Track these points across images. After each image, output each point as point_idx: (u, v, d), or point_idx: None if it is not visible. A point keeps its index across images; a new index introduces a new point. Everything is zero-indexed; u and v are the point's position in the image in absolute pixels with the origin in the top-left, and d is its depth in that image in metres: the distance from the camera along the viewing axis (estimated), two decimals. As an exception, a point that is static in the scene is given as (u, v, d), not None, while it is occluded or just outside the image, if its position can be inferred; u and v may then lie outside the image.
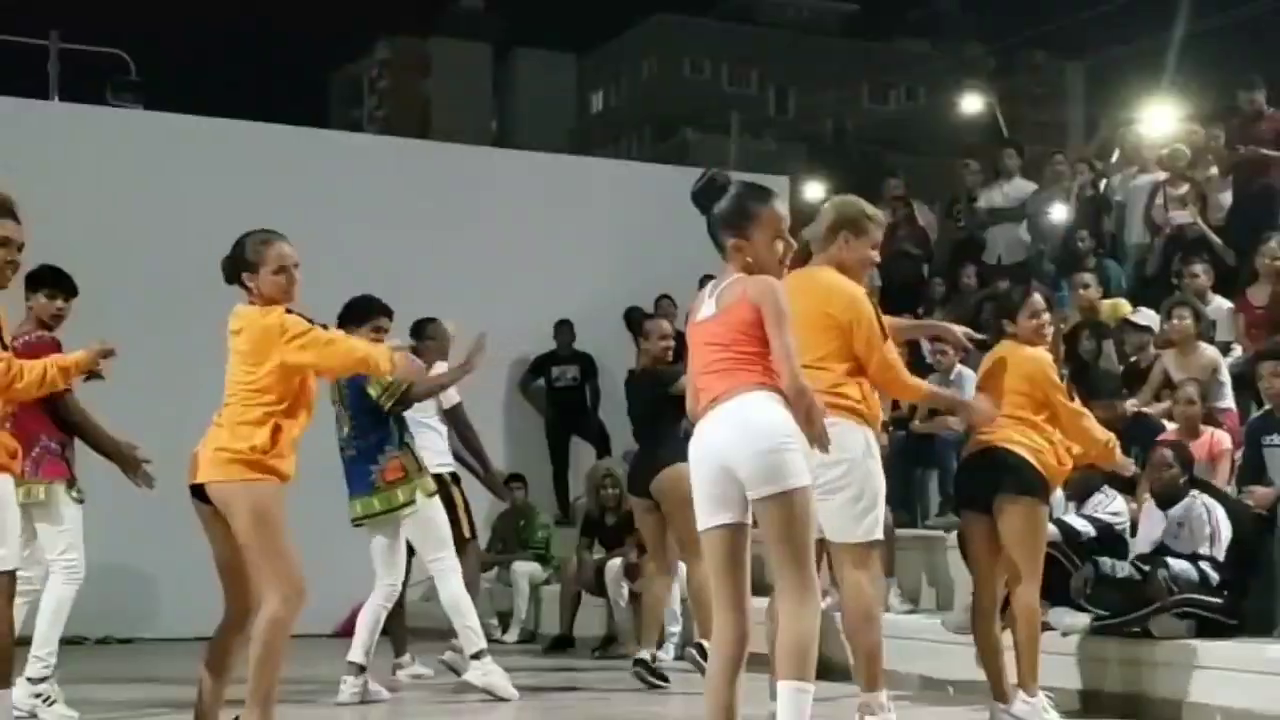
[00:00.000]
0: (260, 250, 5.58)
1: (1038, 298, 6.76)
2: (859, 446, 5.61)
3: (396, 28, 69.27)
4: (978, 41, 54.50)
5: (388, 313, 7.95)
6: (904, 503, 9.67)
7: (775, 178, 16.32)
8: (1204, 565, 7.06)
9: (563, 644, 10.52)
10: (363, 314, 7.83)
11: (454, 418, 8.66)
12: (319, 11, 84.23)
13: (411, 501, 7.67)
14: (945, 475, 9.66)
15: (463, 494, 8.60)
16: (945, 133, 44.54)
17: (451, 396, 8.53)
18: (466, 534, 8.43)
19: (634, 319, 11.71)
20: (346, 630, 11.11)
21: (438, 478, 8.05)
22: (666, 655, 9.68)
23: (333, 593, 8.68)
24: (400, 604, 8.33)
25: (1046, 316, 6.70)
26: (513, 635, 11.37)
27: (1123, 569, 7.19)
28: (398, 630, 8.65)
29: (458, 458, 8.80)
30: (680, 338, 9.24)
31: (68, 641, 10.20)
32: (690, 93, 57.26)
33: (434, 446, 8.30)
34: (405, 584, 8.31)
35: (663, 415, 7.79)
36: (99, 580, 7.45)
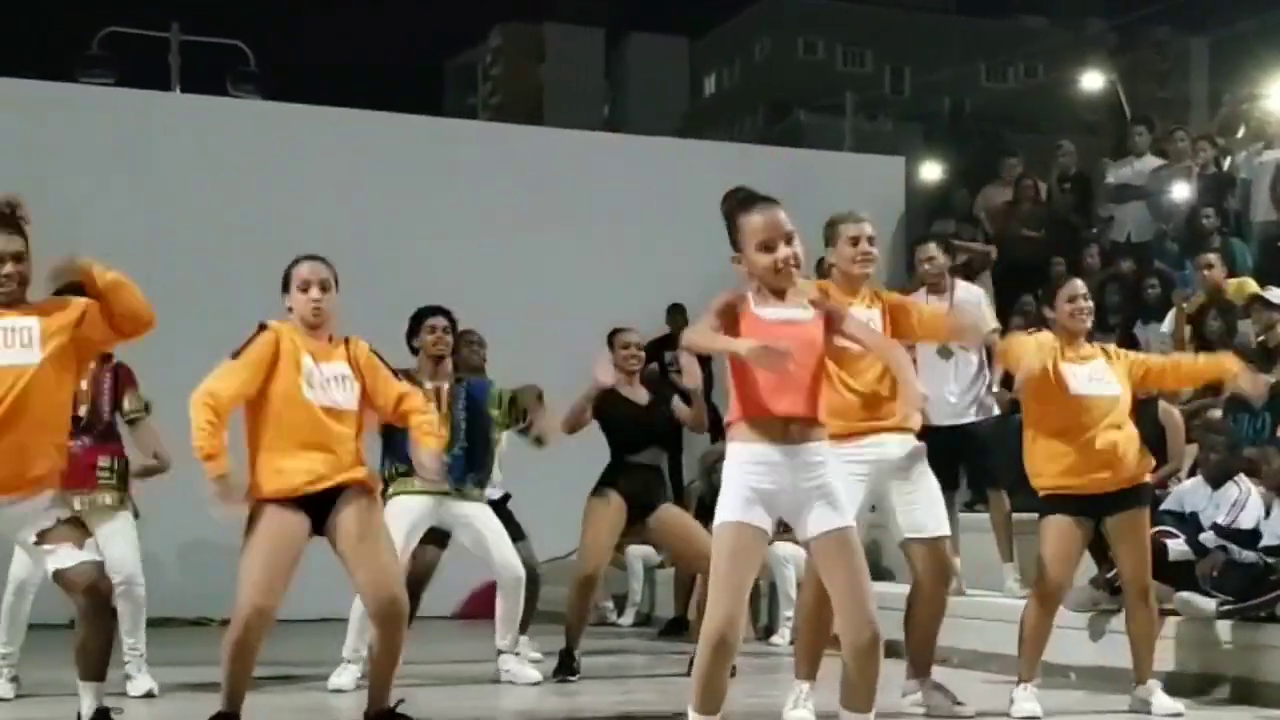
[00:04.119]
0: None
1: (1078, 282, 6.65)
2: None
3: (510, 14, 69.73)
4: (1098, 17, 53.54)
5: (438, 312, 7.89)
6: (1023, 486, 9.54)
7: (891, 158, 16.23)
8: (1339, 550, 6.91)
9: (678, 626, 10.52)
10: (414, 323, 7.89)
11: None
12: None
13: None
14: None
15: None
16: (1066, 110, 43.85)
17: None
18: None
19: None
20: (465, 614, 11.28)
21: None
22: (782, 639, 9.68)
23: (451, 578, 8.75)
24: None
25: (1085, 304, 6.52)
26: (628, 618, 11.42)
27: (1251, 556, 7.06)
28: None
29: None
30: (649, 349, 9.37)
31: (199, 623, 10.46)
32: (804, 74, 56.88)
33: None
34: None
35: None
36: (221, 562, 7.57)
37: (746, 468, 4.58)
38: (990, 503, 8.88)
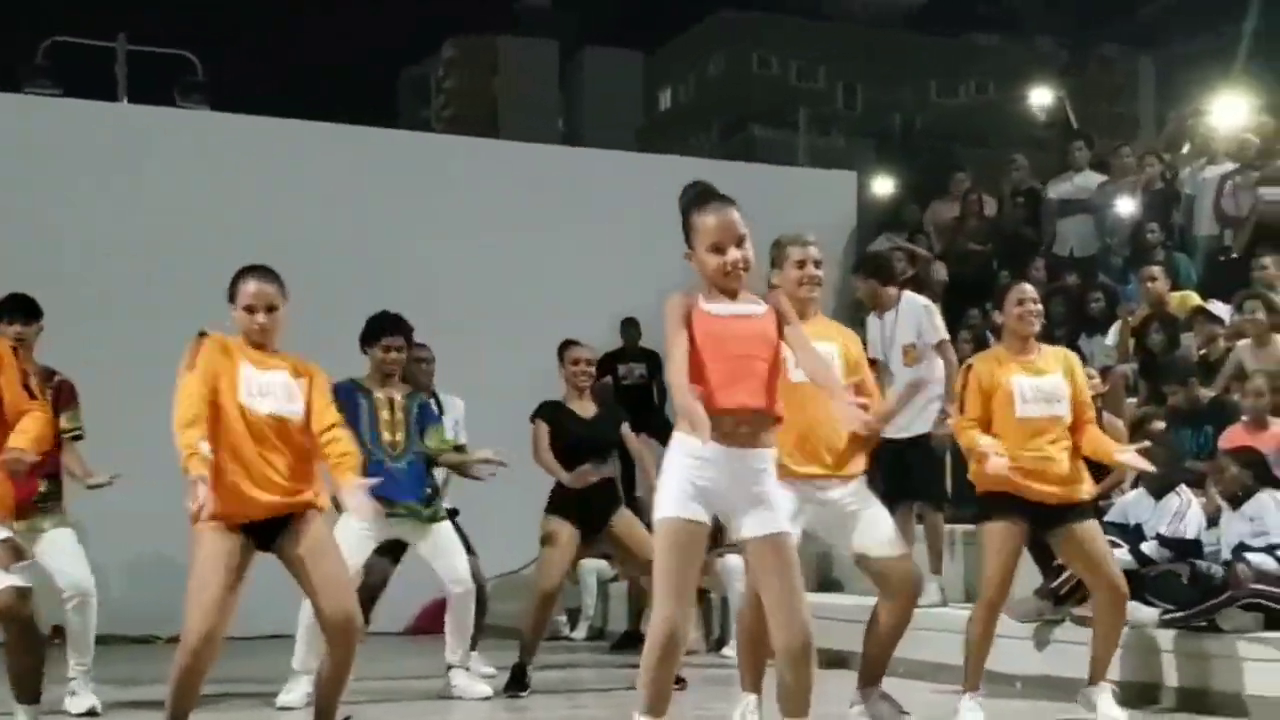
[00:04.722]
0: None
1: (1027, 286, 6.65)
2: None
3: (464, 27, 69.67)
4: (1048, 35, 54.01)
5: (398, 330, 7.78)
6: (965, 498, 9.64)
7: (843, 173, 16.31)
8: (1280, 555, 6.99)
9: (630, 641, 10.52)
10: (370, 334, 7.77)
11: None
12: (386, 11, 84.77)
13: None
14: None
15: None
16: (1015, 126, 44.17)
17: None
18: None
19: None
20: (415, 629, 11.24)
21: None
22: (733, 651, 9.69)
23: (401, 594, 8.72)
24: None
25: (1035, 307, 6.51)
26: (581, 632, 11.41)
27: (1201, 566, 7.13)
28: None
29: None
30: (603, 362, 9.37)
31: (144, 641, 10.38)
32: (758, 89, 57.13)
33: None
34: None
35: None
36: (168, 579, 7.52)
37: (687, 461, 4.54)
38: (925, 516, 8.97)
